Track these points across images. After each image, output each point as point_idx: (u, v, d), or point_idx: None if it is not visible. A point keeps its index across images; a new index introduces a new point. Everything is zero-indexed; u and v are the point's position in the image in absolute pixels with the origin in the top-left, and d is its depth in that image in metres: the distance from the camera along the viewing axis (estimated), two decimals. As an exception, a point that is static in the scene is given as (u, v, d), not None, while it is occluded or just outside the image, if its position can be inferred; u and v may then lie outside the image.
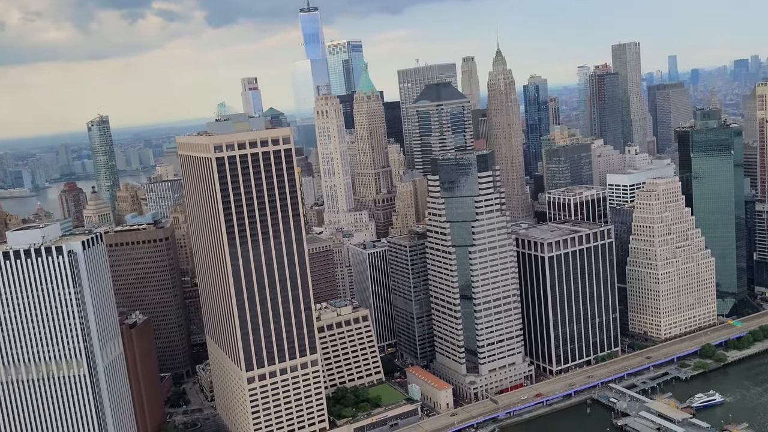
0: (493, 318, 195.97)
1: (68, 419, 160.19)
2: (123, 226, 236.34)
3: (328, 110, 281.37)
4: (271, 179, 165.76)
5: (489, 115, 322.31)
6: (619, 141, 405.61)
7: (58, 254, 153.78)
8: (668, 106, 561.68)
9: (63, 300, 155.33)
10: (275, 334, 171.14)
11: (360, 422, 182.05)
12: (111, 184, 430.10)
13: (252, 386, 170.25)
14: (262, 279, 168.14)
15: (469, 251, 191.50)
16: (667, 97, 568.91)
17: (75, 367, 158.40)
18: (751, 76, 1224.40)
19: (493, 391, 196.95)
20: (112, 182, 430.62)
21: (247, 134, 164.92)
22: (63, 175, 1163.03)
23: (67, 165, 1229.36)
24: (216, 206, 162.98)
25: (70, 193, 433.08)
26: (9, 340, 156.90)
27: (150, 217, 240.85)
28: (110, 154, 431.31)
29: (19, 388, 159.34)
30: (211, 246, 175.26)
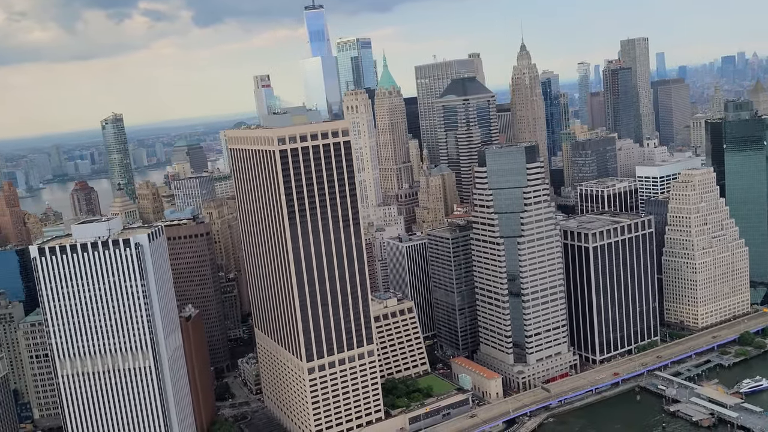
0: (540, 308, 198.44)
1: (134, 411, 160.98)
2: (163, 222, 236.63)
3: (357, 105, 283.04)
4: (330, 171, 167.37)
5: (513, 109, 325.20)
6: (632, 135, 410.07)
7: (126, 246, 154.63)
8: (669, 102, 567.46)
9: (130, 292, 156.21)
10: (334, 324, 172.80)
11: (414, 412, 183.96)
12: (126, 182, 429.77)
13: (312, 377, 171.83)
14: (322, 270, 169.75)
15: (517, 242, 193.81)
16: (669, 93, 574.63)
17: (141, 359, 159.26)
18: (739, 72, 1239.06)
19: (540, 380, 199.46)
20: (126, 180, 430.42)
21: (307, 127, 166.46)
22: (56, 176, 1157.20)
23: (60, 166, 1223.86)
24: (278, 198, 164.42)
25: (81, 192, 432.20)
26: (76, 332, 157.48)
27: (189, 212, 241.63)
28: (125, 152, 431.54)
29: (85, 380, 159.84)
30: (268, 238, 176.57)
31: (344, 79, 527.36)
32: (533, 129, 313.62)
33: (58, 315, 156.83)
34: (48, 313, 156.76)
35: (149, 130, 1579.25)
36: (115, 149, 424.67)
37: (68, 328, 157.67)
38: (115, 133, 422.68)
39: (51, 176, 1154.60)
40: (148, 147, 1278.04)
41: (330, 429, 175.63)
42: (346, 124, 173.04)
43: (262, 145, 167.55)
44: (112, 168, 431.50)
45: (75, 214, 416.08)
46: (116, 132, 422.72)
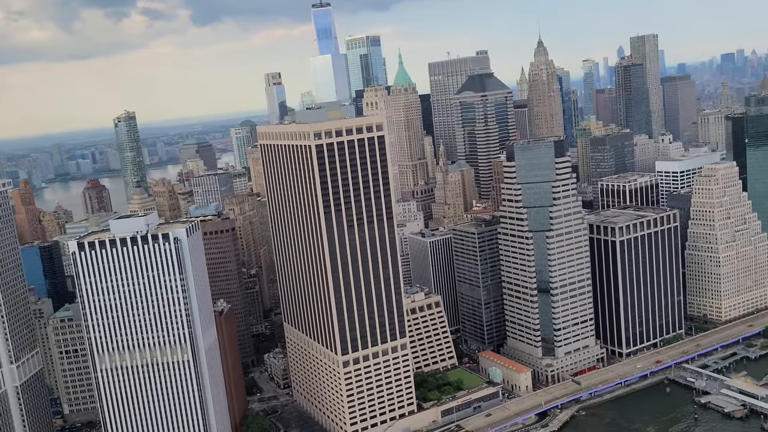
0: (569, 302, 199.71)
1: (172, 405, 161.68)
2: (188, 218, 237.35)
3: (377, 102, 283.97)
4: (365, 166, 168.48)
5: (530, 105, 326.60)
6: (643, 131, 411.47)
7: (165, 241, 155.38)
8: (676, 98, 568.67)
9: (169, 286, 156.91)
10: (368, 318, 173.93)
11: (446, 405, 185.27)
12: (139, 179, 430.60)
13: (347, 370, 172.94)
14: (356, 264, 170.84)
15: (546, 236, 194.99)
16: (675, 90, 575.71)
17: (179, 352, 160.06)
18: (738, 70, 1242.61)
19: (568, 373, 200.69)
20: (139, 178, 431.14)
21: (343, 121, 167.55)
22: (58, 176, 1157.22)
23: (62, 165, 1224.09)
24: (314, 193, 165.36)
25: (93, 190, 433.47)
26: (114, 327, 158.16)
27: (213, 208, 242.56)
28: (137, 150, 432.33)
29: (122, 374, 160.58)
30: (301, 233, 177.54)
31: (354, 77, 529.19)
32: (550, 125, 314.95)
33: (97, 310, 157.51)
34: (86, 308, 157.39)
35: (148, 130, 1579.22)
36: (128, 147, 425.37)
37: (106, 322, 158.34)
38: (128, 131, 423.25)
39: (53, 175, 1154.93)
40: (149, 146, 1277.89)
41: (364, 422, 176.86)
42: (380, 118, 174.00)
43: (298, 140, 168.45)
44: (125, 166, 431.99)
45: (86, 212, 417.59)
46: (129, 130, 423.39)
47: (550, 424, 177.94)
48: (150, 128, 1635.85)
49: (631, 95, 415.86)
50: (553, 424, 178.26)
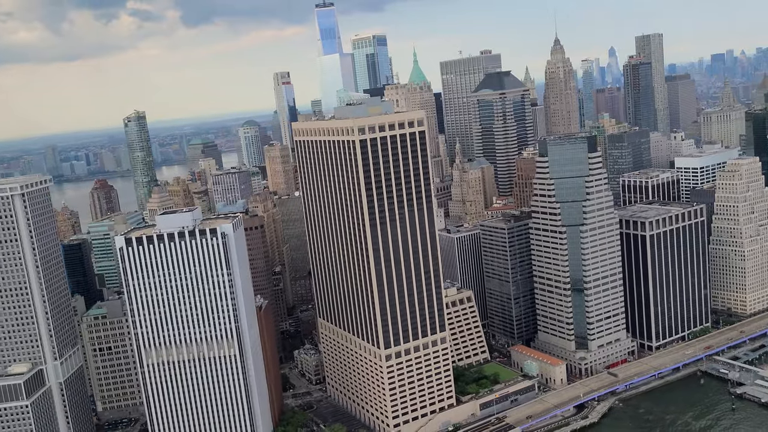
0: (602, 295, 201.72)
1: (219, 399, 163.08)
2: (216, 215, 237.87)
3: (398, 99, 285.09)
4: (407, 160, 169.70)
5: (547, 102, 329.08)
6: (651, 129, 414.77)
7: (212, 236, 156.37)
8: (677, 97, 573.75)
9: (216, 281, 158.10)
10: (410, 312, 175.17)
11: (484, 398, 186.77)
12: (149, 179, 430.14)
13: (389, 364, 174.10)
14: (398, 258, 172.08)
15: (580, 230, 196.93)
16: (676, 88, 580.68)
17: (226, 347, 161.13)
18: (729, 70, 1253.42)
19: (600, 366, 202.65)
20: (150, 177, 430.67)
21: (385, 117, 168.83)
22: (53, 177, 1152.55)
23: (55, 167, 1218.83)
24: (357, 187, 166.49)
25: (101, 190, 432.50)
26: (161, 322, 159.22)
27: (241, 206, 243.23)
28: (147, 150, 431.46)
29: (169, 369, 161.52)
30: (341, 228, 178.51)
31: (360, 76, 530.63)
32: (567, 122, 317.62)
33: (144, 305, 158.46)
34: (133, 304, 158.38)
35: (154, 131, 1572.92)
36: (138, 147, 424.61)
37: (153, 318, 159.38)
38: (138, 130, 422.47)
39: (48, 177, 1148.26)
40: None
41: (405, 415, 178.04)
42: (421, 114, 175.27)
43: (340, 136, 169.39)
44: (135, 165, 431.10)
45: (93, 212, 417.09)
46: (139, 129, 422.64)
47: (589, 416, 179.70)
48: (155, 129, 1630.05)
49: (640, 94, 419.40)
50: (592, 415, 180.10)
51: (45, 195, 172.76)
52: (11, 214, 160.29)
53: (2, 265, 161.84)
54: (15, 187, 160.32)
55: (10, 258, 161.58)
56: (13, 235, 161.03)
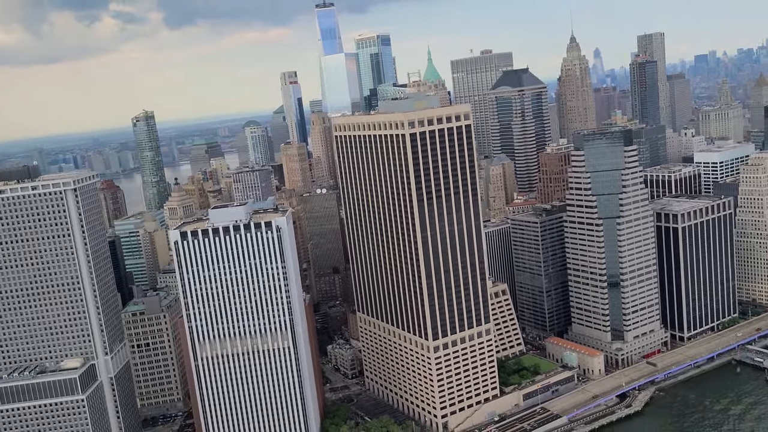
0: (637, 287, 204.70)
1: (272, 391, 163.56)
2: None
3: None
4: (453, 154, 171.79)
5: (563, 99, 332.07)
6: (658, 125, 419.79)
7: (267, 229, 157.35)
8: (674, 95, 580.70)
9: (270, 274, 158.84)
10: (456, 304, 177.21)
11: (527, 389, 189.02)
12: (158, 179, 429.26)
13: (437, 355, 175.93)
14: (446, 251, 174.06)
15: (617, 223, 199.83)
16: (672, 87, 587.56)
17: (279, 340, 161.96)
18: (712, 71, 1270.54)
19: (636, 356, 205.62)
20: (159, 177, 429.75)
21: (433, 111, 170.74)
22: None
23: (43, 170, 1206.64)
24: (407, 180, 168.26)
25: (108, 191, 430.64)
26: (216, 315, 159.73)
27: (271, 202, 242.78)
28: (156, 150, 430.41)
29: (223, 362, 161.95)
30: (388, 220, 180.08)
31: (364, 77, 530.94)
32: (584, 119, 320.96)
33: (198, 298, 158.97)
34: (187, 297, 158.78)
35: (125, 134, 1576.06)
36: (147, 147, 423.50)
37: (207, 311, 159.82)
38: (147, 130, 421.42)
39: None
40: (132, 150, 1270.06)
41: (453, 406, 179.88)
42: (467, 107, 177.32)
43: (388, 130, 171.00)
44: (143, 165, 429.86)
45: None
46: (148, 129, 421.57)
47: (633, 404, 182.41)
48: (122, 133, 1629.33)
49: (647, 92, 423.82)
50: (635, 404, 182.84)
51: (94, 190, 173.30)
52: (64, 210, 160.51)
53: (56, 260, 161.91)
54: (68, 182, 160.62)
55: (64, 253, 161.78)
56: (66, 230, 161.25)
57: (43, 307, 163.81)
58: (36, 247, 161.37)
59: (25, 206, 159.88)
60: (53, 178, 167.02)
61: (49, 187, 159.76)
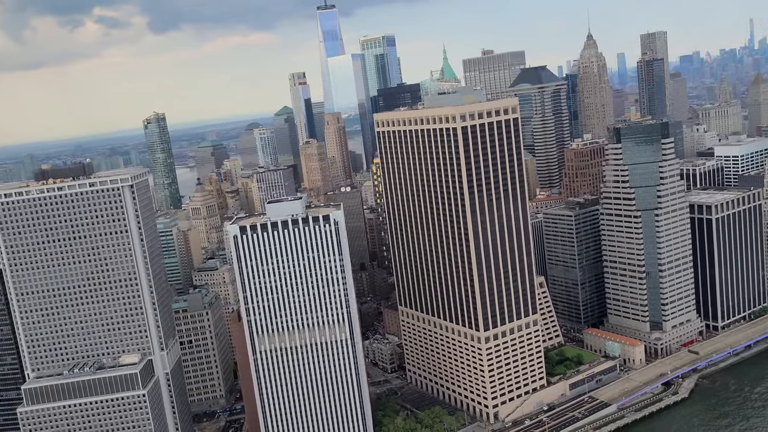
0: (675, 277, 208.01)
1: (330, 383, 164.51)
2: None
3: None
4: (502, 146, 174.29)
5: (581, 96, 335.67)
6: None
7: (325, 223, 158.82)
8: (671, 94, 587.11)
9: (329, 267, 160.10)
10: (506, 295, 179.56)
11: (573, 378, 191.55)
12: (170, 181, 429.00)
13: (488, 346, 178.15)
14: (495, 242, 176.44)
15: (655, 214, 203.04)
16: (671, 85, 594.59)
17: (337, 332, 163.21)
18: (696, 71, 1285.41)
19: (674, 346, 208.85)
20: (171, 179, 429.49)
21: (483, 104, 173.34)
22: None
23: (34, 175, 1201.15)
24: (458, 173, 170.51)
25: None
26: (275, 308, 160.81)
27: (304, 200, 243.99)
28: (168, 152, 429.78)
29: (281, 355, 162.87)
30: (436, 213, 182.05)
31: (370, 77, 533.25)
32: (602, 115, 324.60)
33: (257, 292, 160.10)
34: (246, 291, 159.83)
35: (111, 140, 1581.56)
36: (158, 148, 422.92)
37: (265, 304, 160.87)
38: (159, 132, 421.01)
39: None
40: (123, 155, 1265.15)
41: (503, 396, 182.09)
42: (515, 101, 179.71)
43: (438, 124, 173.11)
44: (155, 167, 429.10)
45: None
46: (160, 131, 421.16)
47: (679, 392, 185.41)
48: (106, 139, 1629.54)
49: (654, 89, 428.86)
50: (681, 391, 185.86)
51: (147, 187, 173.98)
52: (122, 206, 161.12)
53: (113, 257, 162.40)
54: (126, 178, 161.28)
55: (121, 249, 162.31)
56: (124, 226, 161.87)
57: (101, 303, 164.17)
58: (94, 243, 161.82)
59: (82, 203, 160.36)
60: (109, 174, 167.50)
61: (106, 183, 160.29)
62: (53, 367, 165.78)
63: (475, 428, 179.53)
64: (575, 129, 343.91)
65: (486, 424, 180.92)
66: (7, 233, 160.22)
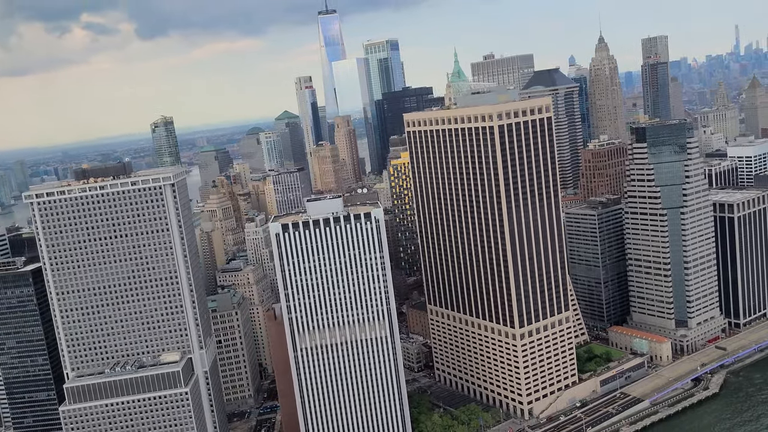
0: (699, 274, 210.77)
1: (371, 380, 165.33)
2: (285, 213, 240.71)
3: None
4: (537, 145, 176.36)
5: (593, 98, 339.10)
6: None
7: (366, 220, 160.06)
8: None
9: (370, 264, 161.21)
10: (539, 292, 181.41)
11: (603, 375, 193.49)
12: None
13: (523, 342, 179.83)
14: (530, 240, 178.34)
15: (680, 212, 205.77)
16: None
17: (377, 329, 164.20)
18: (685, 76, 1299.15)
19: (700, 342, 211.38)
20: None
21: (519, 103, 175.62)
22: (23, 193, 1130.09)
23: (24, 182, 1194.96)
24: (494, 171, 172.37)
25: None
26: (316, 306, 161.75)
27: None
28: (176, 155, 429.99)
29: (323, 352, 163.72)
30: (470, 212, 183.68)
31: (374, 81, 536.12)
32: (614, 117, 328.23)
33: (298, 289, 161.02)
34: (288, 288, 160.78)
35: (98, 147, 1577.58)
36: (166, 152, 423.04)
37: (307, 302, 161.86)
38: (167, 135, 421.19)
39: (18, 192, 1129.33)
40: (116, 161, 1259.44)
41: (537, 392, 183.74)
42: (548, 100, 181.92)
43: (474, 123, 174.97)
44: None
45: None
46: (167, 135, 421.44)
47: (709, 387, 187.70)
48: (93, 145, 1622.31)
49: (658, 91, 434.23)
50: (711, 386, 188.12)
51: (185, 186, 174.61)
52: (163, 204, 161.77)
53: (155, 255, 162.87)
54: (168, 177, 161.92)
55: (163, 247, 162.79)
56: (165, 225, 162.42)
57: (142, 301, 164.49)
58: (135, 242, 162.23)
59: (124, 202, 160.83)
60: (149, 173, 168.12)
61: (148, 182, 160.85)
62: (92, 366, 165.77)
63: (510, 424, 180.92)
64: (585, 131, 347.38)
65: (521, 420, 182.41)
66: (49, 232, 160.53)
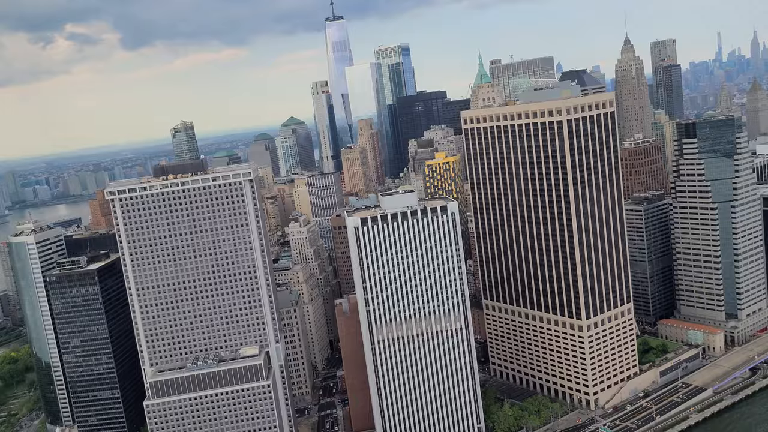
0: (749, 266, 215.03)
1: (446, 372, 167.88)
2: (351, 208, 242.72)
3: (495, 96, 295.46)
4: (601, 138, 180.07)
5: (619, 99, 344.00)
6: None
7: (443, 213, 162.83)
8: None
9: (446, 257, 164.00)
10: (605, 284, 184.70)
11: (662, 366, 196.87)
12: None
13: (589, 334, 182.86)
14: (596, 232, 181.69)
15: (731, 206, 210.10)
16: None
17: (452, 320, 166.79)
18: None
19: (750, 333, 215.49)
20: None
21: (584, 98, 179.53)
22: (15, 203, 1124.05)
23: (16, 192, 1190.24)
24: (561, 165, 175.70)
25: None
26: (394, 298, 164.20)
27: (373, 200, 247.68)
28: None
29: (400, 344, 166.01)
30: (534, 207, 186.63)
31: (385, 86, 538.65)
32: (641, 117, 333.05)
33: (376, 282, 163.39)
34: (366, 282, 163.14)
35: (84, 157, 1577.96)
36: (187, 157, 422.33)
37: (384, 294, 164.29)
38: (187, 140, 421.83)
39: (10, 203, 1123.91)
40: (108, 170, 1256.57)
41: (602, 383, 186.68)
42: (611, 95, 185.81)
43: (541, 118, 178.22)
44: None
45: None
46: (188, 140, 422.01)
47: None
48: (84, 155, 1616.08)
49: (672, 93, 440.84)
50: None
51: (260, 182, 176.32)
52: (243, 200, 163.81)
53: (234, 250, 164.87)
54: (247, 173, 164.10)
55: (242, 242, 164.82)
56: (244, 220, 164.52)
57: (221, 296, 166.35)
58: (215, 237, 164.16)
59: (204, 197, 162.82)
60: (228, 170, 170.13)
61: (229, 177, 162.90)
62: (171, 362, 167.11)
63: (577, 415, 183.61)
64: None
65: (587, 410, 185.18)
66: (130, 228, 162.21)
